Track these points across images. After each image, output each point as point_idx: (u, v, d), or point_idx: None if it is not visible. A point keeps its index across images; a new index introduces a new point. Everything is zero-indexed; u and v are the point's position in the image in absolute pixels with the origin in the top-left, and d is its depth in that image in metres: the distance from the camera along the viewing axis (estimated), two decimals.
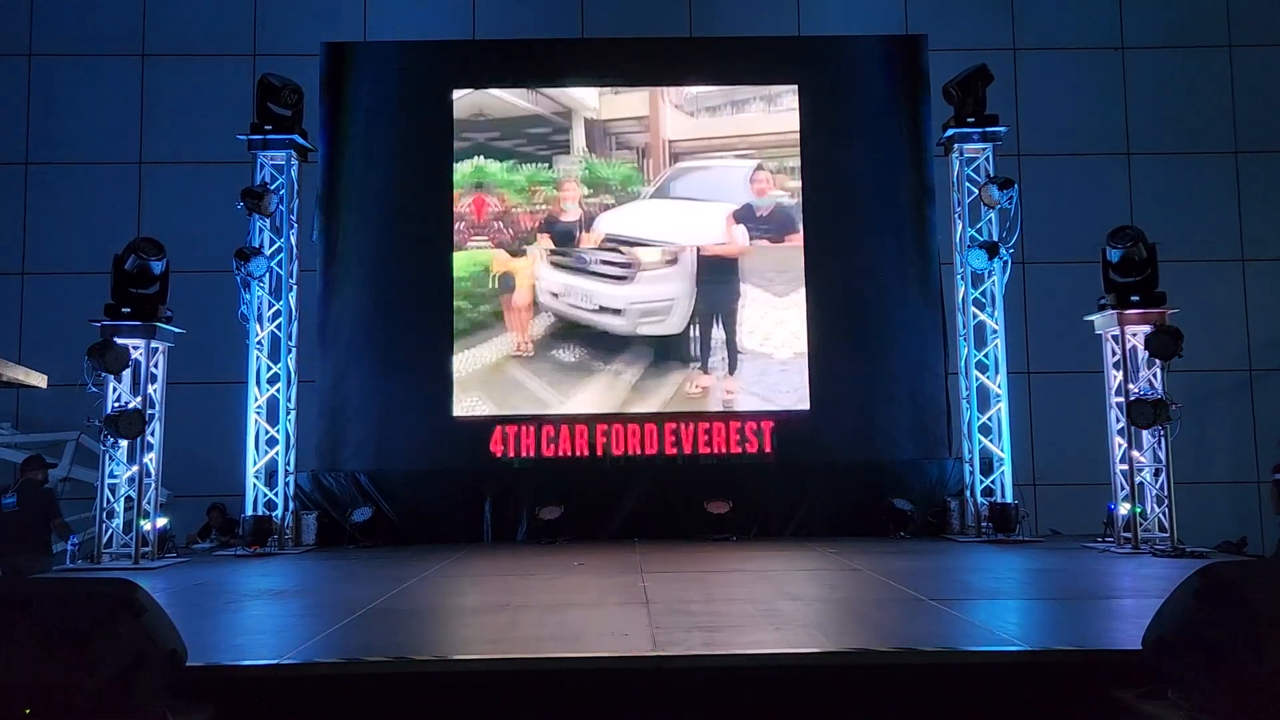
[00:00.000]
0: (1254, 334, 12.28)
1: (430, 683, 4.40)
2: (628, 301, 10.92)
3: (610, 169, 11.16)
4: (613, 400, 10.78)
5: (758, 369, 10.85)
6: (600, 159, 11.18)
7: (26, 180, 12.15)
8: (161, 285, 8.94)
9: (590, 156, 11.18)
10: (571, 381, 10.83)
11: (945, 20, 12.11)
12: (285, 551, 9.66)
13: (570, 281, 10.95)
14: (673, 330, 10.91)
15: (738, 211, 11.07)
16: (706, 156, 11.25)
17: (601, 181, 11.13)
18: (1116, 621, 5.50)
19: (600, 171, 11.14)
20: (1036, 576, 7.51)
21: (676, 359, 10.88)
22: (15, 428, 11.53)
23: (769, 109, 11.30)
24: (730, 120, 11.31)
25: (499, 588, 7.24)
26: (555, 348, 10.90)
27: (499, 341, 10.90)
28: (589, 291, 10.92)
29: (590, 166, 11.16)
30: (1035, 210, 10.71)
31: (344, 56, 11.27)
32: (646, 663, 4.44)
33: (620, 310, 10.89)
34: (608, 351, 10.87)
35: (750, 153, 11.21)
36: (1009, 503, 9.85)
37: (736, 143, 11.27)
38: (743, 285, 10.97)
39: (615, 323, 10.88)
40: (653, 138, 11.26)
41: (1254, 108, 12.56)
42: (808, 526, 10.35)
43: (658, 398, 10.79)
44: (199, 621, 5.54)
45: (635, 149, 11.24)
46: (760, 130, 11.29)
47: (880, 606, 5.88)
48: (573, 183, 11.12)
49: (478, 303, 10.97)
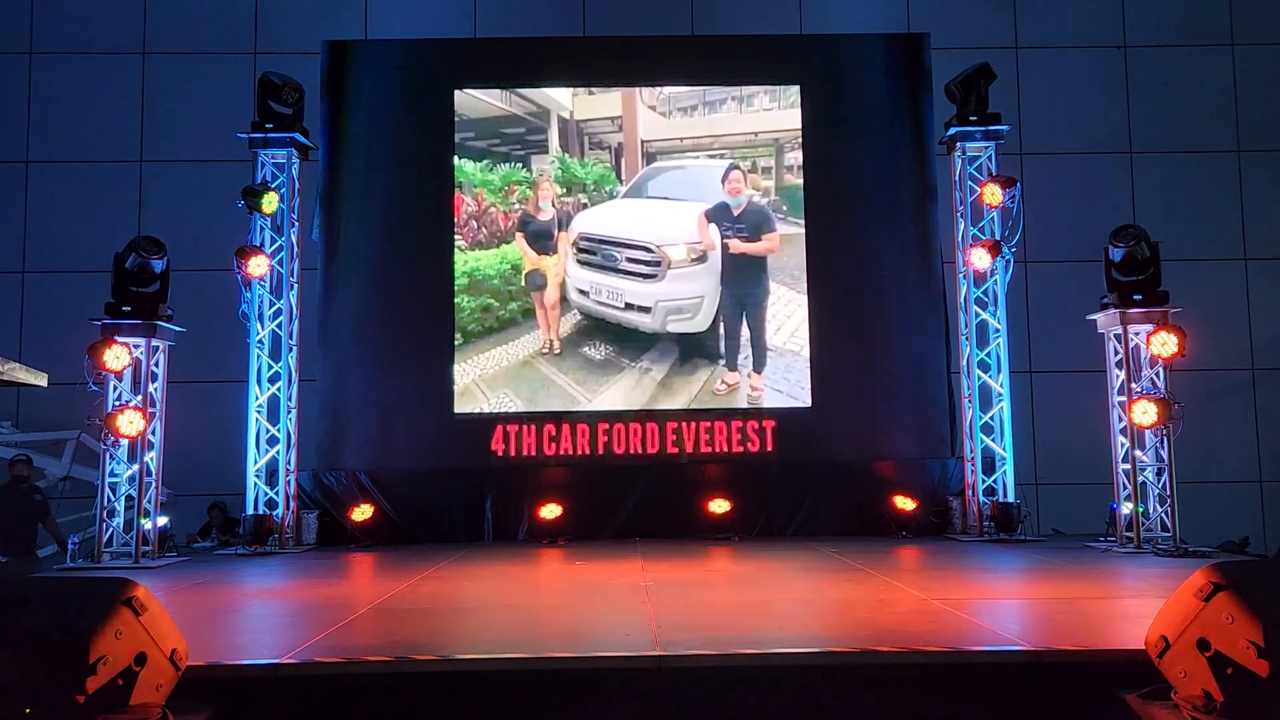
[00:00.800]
0: (1257, 333, 12.26)
1: (431, 683, 4.40)
2: (656, 299, 10.94)
3: (585, 169, 11.19)
4: (639, 397, 10.80)
5: (784, 365, 10.88)
6: (575, 159, 11.21)
7: (27, 179, 12.15)
8: (162, 284, 8.93)
9: (565, 156, 11.20)
10: (599, 379, 10.85)
11: (947, 19, 12.09)
12: (286, 550, 9.66)
13: (598, 279, 10.99)
14: (699, 328, 10.94)
15: (710, 210, 11.05)
16: (680, 156, 11.29)
17: (576, 181, 11.15)
18: (1119, 621, 5.49)
19: (575, 171, 11.17)
20: (1038, 576, 7.49)
21: (703, 356, 10.91)
22: (16, 426, 11.53)
23: (741, 109, 11.33)
24: (704, 121, 11.36)
25: (500, 587, 7.24)
26: (583, 345, 10.93)
27: (528, 339, 10.94)
28: (617, 289, 10.95)
29: (565, 166, 11.18)
30: (1037, 209, 10.69)
31: (345, 55, 11.25)
32: (648, 662, 4.44)
33: (649, 308, 10.92)
34: (636, 349, 10.91)
35: (724, 153, 11.25)
36: (1011, 502, 9.84)
37: (710, 143, 11.31)
38: (770, 283, 10.99)
39: (643, 320, 10.92)
40: (627, 138, 11.28)
41: (1256, 106, 12.53)
42: (809, 526, 10.34)
43: (685, 394, 10.82)
44: (199, 621, 5.54)
45: (610, 149, 11.27)
46: (734, 130, 11.32)
47: (882, 606, 5.87)
48: (548, 182, 11.14)
49: (506, 300, 11.00)
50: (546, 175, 11.17)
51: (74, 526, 9.75)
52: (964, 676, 4.44)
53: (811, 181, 11.09)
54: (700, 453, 10.61)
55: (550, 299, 11.00)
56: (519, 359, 10.92)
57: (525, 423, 10.65)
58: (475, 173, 11.18)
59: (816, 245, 11.00)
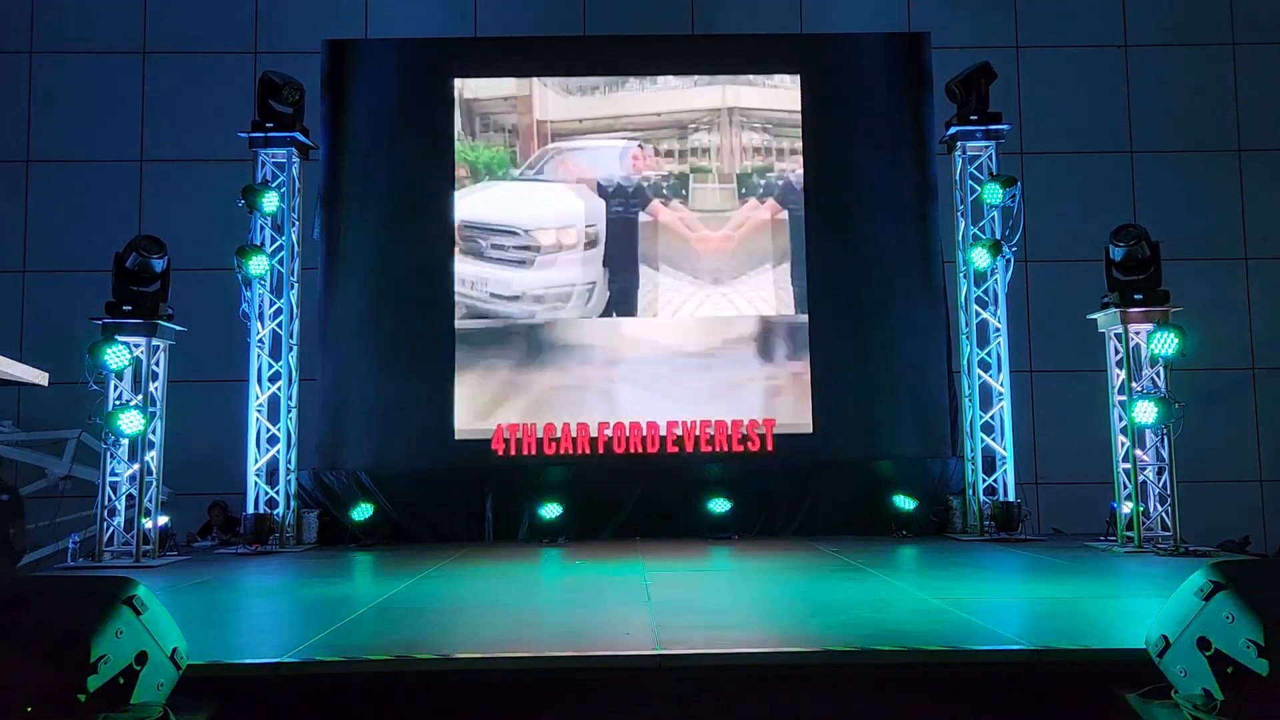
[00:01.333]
0: (1257, 332, 12.25)
1: (431, 681, 4.40)
2: (525, 288, 10.92)
3: (476, 152, 11.13)
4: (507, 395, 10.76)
5: (663, 361, 10.85)
6: (470, 141, 11.16)
7: (28, 178, 12.14)
8: (163, 283, 8.93)
9: (462, 139, 11.17)
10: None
11: (948, 18, 12.08)
12: (286, 550, 9.66)
13: (473, 270, 10.95)
14: (574, 315, 10.89)
15: (604, 187, 11.01)
16: (584, 138, 11.18)
17: (469, 163, 11.12)
18: (1119, 621, 5.49)
19: (466, 155, 11.14)
20: (1039, 575, 7.49)
21: (581, 346, 10.87)
22: (17, 426, 11.53)
23: (643, 87, 11.23)
24: (608, 100, 11.21)
25: (500, 586, 7.24)
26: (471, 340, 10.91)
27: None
28: (484, 278, 10.89)
29: (459, 149, 11.15)
30: (1038, 208, 10.69)
31: (345, 54, 11.25)
32: (648, 661, 4.44)
33: (517, 297, 10.88)
34: (498, 343, 10.84)
35: (628, 134, 11.14)
36: (1011, 501, 9.84)
37: (611, 124, 11.17)
38: (651, 270, 10.93)
39: (512, 310, 10.87)
40: (525, 119, 11.20)
41: (1257, 105, 12.52)
42: (810, 525, 10.33)
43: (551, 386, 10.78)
44: (200, 620, 5.54)
45: (505, 130, 11.20)
46: (638, 111, 11.21)
47: (882, 606, 5.87)
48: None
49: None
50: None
51: (75, 526, 9.75)
52: (964, 676, 4.44)
53: (812, 180, 11.09)
54: (700, 452, 10.61)
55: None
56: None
57: (526, 423, 10.63)
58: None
59: (817, 244, 10.99)
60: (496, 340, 10.88)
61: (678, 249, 11.05)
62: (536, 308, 10.95)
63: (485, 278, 10.96)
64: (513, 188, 11.15)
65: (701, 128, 11.21)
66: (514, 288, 10.97)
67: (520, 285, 10.98)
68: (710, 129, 11.22)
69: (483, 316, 10.91)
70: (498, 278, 10.99)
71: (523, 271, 10.98)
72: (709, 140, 11.20)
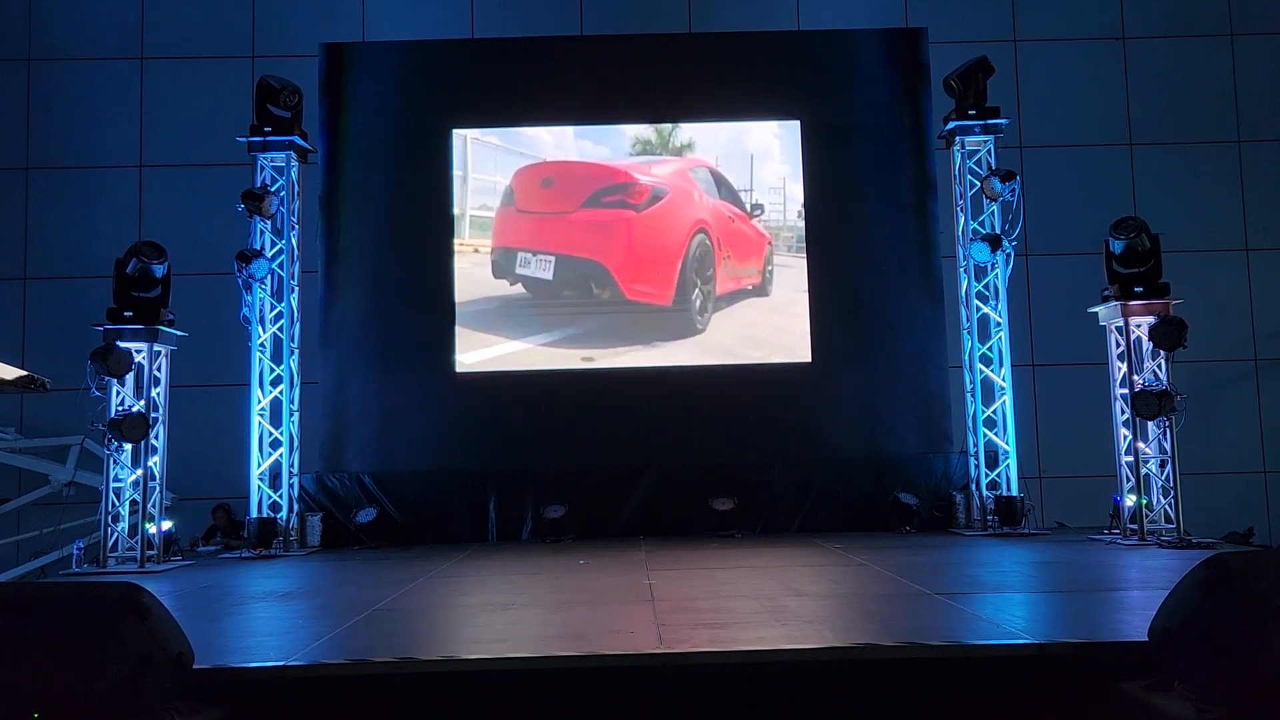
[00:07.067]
0: (1258, 324, 12.23)
1: (437, 683, 4.41)
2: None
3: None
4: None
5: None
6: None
7: (27, 185, 12.14)
8: (163, 288, 8.94)
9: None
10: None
11: (945, 13, 12.06)
12: (290, 553, 9.67)
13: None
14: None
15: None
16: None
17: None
18: (1123, 613, 5.48)
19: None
20: (1042, 569, 7.50)
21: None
22: (19, 432, 11.54)
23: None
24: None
25: (504, 587, 7.23)
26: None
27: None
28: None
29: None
30: (1038, 202, 10.69)
31: (343, 57, 11.25)
32: (653, 660, 4.44)
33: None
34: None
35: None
36: (1014, 496, 9.84)
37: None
38: None
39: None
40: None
41: (1256, 96, 12.50)
42: (813, 522, 10.34)
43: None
44: (205, 624, 5.55)
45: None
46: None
47: (886, 601, 5.88)
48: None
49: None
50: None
51: (79, 532, 9.77)
52: (969, 670, 4.44)
53: (811, 177, 11.08)
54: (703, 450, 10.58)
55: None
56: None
57: (527, 422, 10.64)
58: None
59: (816, 241, 10.99)
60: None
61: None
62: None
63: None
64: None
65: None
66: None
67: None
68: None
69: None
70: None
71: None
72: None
